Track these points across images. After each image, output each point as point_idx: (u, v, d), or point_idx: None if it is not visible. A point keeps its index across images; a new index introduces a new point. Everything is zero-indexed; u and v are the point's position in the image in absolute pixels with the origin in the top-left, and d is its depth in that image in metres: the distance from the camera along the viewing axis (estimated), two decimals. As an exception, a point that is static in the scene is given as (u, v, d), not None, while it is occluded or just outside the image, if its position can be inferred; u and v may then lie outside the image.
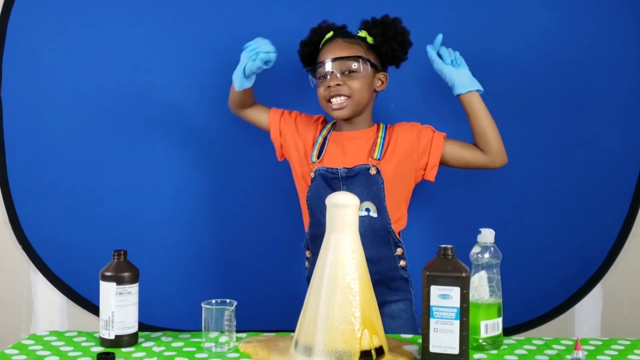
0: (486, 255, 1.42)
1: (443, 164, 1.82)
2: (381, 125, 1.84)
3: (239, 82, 1.77)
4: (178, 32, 2.10)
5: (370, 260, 1.70)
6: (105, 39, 2.10)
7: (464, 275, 1.29)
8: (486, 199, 2.10)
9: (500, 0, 2.09)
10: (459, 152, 1.81)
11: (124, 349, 1.40)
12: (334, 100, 1.77)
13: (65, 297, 2.15)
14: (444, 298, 1.29)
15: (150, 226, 2.12)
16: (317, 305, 1.29)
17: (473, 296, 1.39)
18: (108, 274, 1.42)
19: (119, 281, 1.41)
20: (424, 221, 2.05)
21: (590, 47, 2.09)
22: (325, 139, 1.83)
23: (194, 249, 2.13)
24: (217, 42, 2.09)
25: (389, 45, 1.79)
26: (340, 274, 1.29)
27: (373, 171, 1.75)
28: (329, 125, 1.87)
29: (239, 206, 2.13)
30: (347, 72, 1.76)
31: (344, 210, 1.31)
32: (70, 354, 1.37)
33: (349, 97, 1.76)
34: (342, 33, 1.84)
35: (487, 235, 1.42)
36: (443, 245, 1.32)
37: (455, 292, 1.28)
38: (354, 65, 1.76)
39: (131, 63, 2.10)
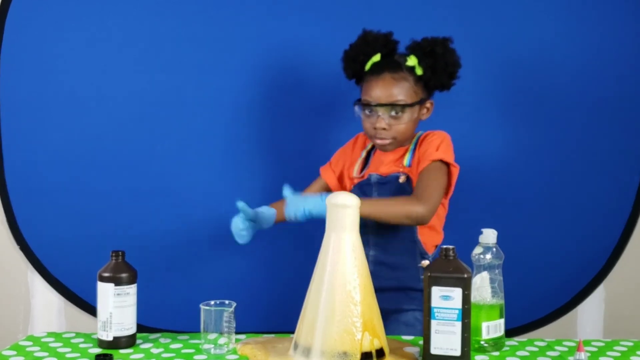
0: (488, 256, 1.41)
1: None
2: (417, 134, 1.79)
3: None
4: (179, 31, 2.10)
5: (391, 267, 1.68)
6: (103, 38, 2.09)
7: (465, 276, 1.28)
8: (488, 199, 2.09)
9: (502, 2, 2.09)
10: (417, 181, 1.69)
11: (122, 351, 1.39)
12: (378, 137, 1.73)
13: (62, 298, 2.14)
14: (445, 299, 1.28)
15: (148, 227, 2.11)
16: (316, 312, 1.28)
17: (475, 297, 1.38)
18: (106, 274, 1.41)
19: (117, 282, 1.40)
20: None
21: (591, 48, 2.09)
22: (369, 153, 1.83)
23: (194, 249, 2.13)
24: (217, 42, 2.09)
25: (438, 79, 1.73)
26: (341, 283, 1.27)
27: (402, 179, 1.72)
28: None
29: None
30: (393, 113, 1.71)
31: (344, 211, 1.30)
32: (68, 356, 1.36)
33: (394, 138, 1.73)
34: (389, 62, 1.73)
35: (489, 236, 1.41)
36: (444, 246, 1.31)
37: (456, 293, 1.27)
38: (400, 111, 1.70)
39: (130, 62, 2.10)
